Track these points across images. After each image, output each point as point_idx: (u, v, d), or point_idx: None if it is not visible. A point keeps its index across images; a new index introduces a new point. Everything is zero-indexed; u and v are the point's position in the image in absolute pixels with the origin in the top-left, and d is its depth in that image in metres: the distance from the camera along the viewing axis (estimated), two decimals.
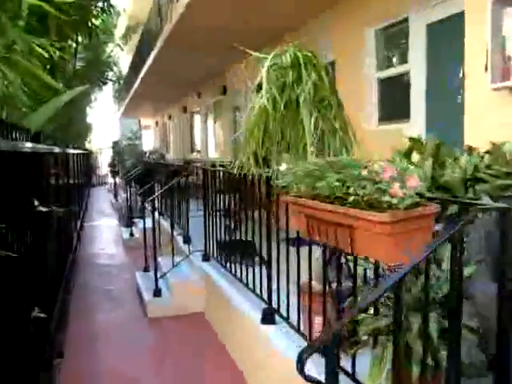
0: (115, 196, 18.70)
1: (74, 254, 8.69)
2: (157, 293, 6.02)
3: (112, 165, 26.86)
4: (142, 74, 15.11)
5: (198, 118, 16.79)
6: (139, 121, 23.25)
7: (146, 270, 7.35)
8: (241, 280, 4.95)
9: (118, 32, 22.57)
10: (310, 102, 2.81)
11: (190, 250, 6.55)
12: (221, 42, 9.07)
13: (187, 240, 7.05)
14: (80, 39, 9.68)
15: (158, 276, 6.15)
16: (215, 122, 14.25)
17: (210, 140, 14.89)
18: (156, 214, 7.91)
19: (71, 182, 10.05)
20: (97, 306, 6.59)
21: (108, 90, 31.11)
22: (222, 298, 5.24)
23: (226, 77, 12.34)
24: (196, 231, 6.82)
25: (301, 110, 2.80)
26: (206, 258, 6.15)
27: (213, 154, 14.82)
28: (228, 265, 5.41)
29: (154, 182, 11.23)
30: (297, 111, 2.93)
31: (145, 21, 15.31)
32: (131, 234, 10.59)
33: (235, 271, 5.14)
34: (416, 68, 5.94)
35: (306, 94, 2.80)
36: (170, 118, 22.11)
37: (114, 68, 27.26)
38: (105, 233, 12.74)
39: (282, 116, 2.86)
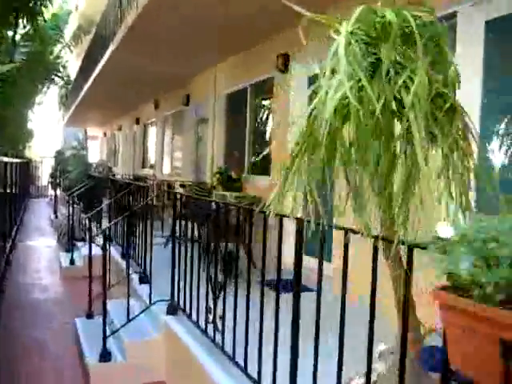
0: (55, 211, 16.83)
1: None
2: (105, 356, 4.52)
3: (53, 176, 24.86)
4: (92, 77, 13.52)
5: (153, 130, 15.28)
6: (85, 130, 21.49)
7: (89, 315, 5.84)
8: (222, 348, 3.59)
9: (69, 32, 20.88)
10: (423, 106, 1.51)
11: (151, 296, 5.06)
12: (188, 40, 7.74)
13: (145, 280, 5.60)
14: (21, 26, 8.19)
15: (108, 332, 4.65)
16: (173, 136, 12.81)
17: (166, 155, 13.41)
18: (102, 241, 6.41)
19: (3, 198, 8.41)
20: (19, 364, 5.01)
21: (53, 95, 29.11)
22: (191, 367, 3.86)
23: (190, 84, 10.98)
24: (157, 267, 5.39)
25: (409, 122, 1.50)
26: (172, 309, 4.72)
27: (167, 171, 13.34)
28: (204, 324, 4.01)
29: (102, 201, 9.69)
30: (391, 119, 1.62)
31: (98, 21, 13.79)
32: (72, 262, 8.97)
33: (214, 334, 3.78)
34: None
35: (417, 91, 1.50)
36: (119, 128, 20.45)
37: (62, 71, 25.49)
38: (41, 256, 10.99)
39: (375, 125, 1.53)
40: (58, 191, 18.03)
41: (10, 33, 8.13)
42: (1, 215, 8.59)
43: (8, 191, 10.17)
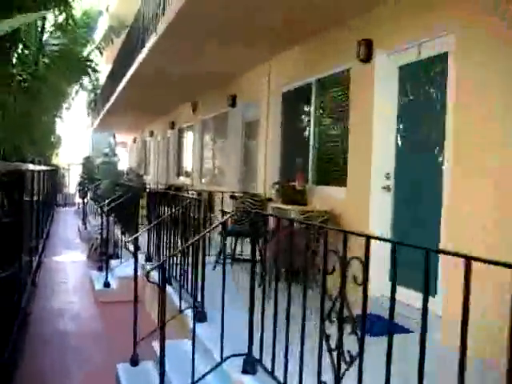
0: (83, 221, 15.80)
1: (23, 315, 5.94)
2: None
3: (81, 184, 23.99)
4: (125, 79, 12.50)
5: (190, 136, 14.16)
6: (114, 135, 20.52)
7: (134, 361, 4.66)
8: None
9: (99, 34, 19.99)
10: None
11: (222, 350, 3.72)
12: (239, 28, 6.60)
13: (201, 317, 4.41)
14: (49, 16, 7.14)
15: None
16: (214, 141, 11.66)
17: (206, 163, 12.26)
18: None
19: (30, 209, 7.32)
20: None
21: (81, 100, 28.36)
22: None
23: (237, 84, 9.82)
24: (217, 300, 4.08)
25: None
26: (249, 366, 3.48)
27: (206, 180, 12.19)
28: None
29: (137, 213, 8.54)
30: None
31: (130, 22, 12.77)
32: (106, 284, 7.83)
33: None
34: None
35: None
36: (151, 134, 19.43)
37: (92, 74, 24.67)
38: (70, 275, 9.89)
39: None
40: (87, 200, 17.03)
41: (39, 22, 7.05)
42: (28, 227, 7.54)
43: (35, 200, 9.13)
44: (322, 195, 6.62)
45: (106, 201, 13.26)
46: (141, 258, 7.71)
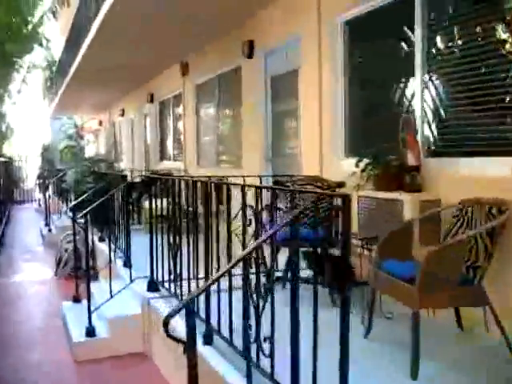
0: (46, 222, 12.72)
1: None
2: None
3: (41, 176, 20.70)
4: (89, 38, 9.49)
5: (178, 108, 11.20)
6: (75, 122, 17.38)
7: None
8: None
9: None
10: None
11: None
12: None
13: None
14: None
15: None
16: (218, 111, 8.77)
17: (207, 141, 9.36)
18: None
19: None
20: None
21: (36, 83, 24.84)
22: None
23: (255, 23, 6.98)
24: None
25: None
26: None
27: (209, 163, 9.32)
28: None
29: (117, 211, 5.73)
30: None
31: None
32: (90, 333, 4.90)
33: None
34: None
35: None
36: (122, 113, 16.32)
37: (45, 51, 21.25)
38: (29, 312, 6.85)
39: None
40: (48, 194, 13.91)
41: None
42: None
43: None
44: (454, 173, 3.89)
45: (74, 198, 10.31)
46: (139, 284, 5.02)
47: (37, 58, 21.16)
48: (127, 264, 6.16)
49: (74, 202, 6.17)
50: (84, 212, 4.92)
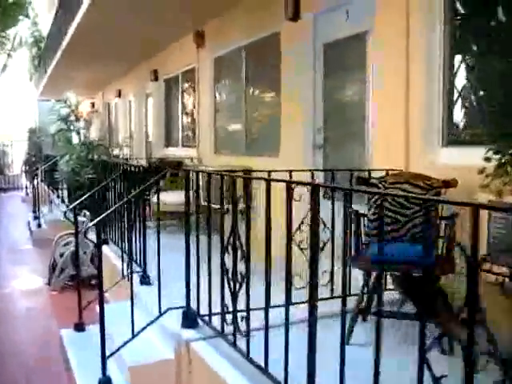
0: (35, 213, 11.25)
1: None
2: None
3: (28, 162, 19.15)
4: (81, 12, 8.08)
5: (189, 88, 9.74)
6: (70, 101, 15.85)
7: None
8: None
9: None
10: None
11: None
12: None
13: None
14: None
15: None
16: (246, 88, 7.33)
17: (228, 124, 7.94)
18: None
19: None
20: None
21: (22, 62, 23.10)
22: None
23: None
24: None
25: None
26: None
27: (235, 151, 7.91)
28: None
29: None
30: None
31: None
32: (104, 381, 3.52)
33: None
34: None
35: None
36: (118, 94, 14.79)
37: (32, 26, 19.55)
38: (19, 349, 5.40)
39: None
40: (37, 182, 12.41)
41: None
42: None
43: None
44: None
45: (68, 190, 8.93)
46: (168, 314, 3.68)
47: (23, 33, 19.54)
48: (145, 280, 4.82)
49: (76, 202, 4.73)
50: (97, 220, 3.48)
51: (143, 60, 11.41)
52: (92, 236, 6.29)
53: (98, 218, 3.49)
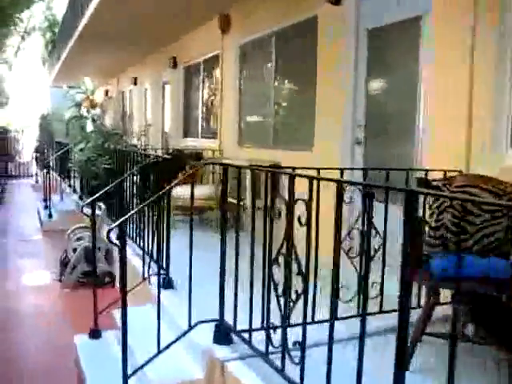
0: (45, 203, 10.85)
1: None
2: None
3: (39, 149, 18.80)
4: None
5: (210, 73, 9.27)
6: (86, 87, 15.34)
7: None
8: None
9: None
10: None
11: None
12: None
13: None
14: None
15: None
16: (278, 77, 6.86)
17: (260, 118, 7.45)
18: None
19: None
20: None
21: (35, 48, 22.71)
22: None
23: None
24: None
25: None
26: None
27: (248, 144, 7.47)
28: None
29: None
30: None
31: None
32: None
33: None
34: None
35: None
36: (134, 82, 14.34)
37: (45, 10, 19.12)
38: (26, 357, 4.98)
39: None
40: (48, 170, 11.96)
41: None
42: None
43: None
44: None
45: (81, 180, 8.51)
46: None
47: (37, 19, 19.13)
48: (169, 284, 4.39)
49: (95, 196, 4.29)
50: (121, 220, 3.03)
51: (161, 46, 10.94)
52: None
53: (123, 219, 3.03)
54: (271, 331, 2.73)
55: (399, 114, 4.69)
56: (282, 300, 2.62)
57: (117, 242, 3.05)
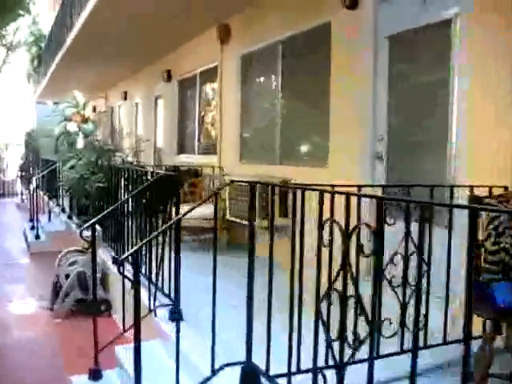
0: (32, 223, 10.32)
1: None
2: None
3: (24, 167, 18.23)
4: (91, 5, 7.27)
5: (207, 88, 8.87)
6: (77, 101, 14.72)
7: None
8: None
9: None
10: None
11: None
12: None
13: None
14: None
15: None
16: (280, 90, 6.49)
17: (264, 132, 7.04)
18: None
19: None
20: None
21: (20, 64, 22.19)
22: None
23: None
24: None
25: None
26: None
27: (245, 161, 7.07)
28: None
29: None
30: None
31: None
32: None
33: None
34: None
35: None
36: (124, 97, 13.89)
37: (32, 25, 18.68)
38: None
39: None
40: (32, 188, 11.44)
41: None
42: None
43: None
44: None
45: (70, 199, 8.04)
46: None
47: (22, 33, 18.68)
48: (177, 315, 3.92)
49: (95, 219, 3.83)
50: (134, 249, 2.59)
51: (154, 59, 10.54)
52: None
53: (136, 247, 2.58)
54: (320, 377, 2.30)
55: (427, 125, 4.31)
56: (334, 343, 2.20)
57: (128, 274, 2.61)
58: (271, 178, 5.14)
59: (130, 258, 2.78)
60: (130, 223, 5.18)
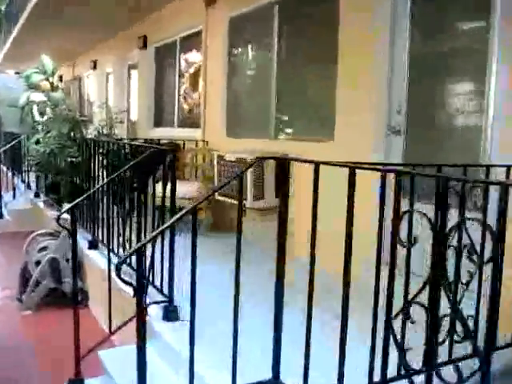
0: None
1: None
2: None
3: None
4: None
5: (190, 56, 8.17)
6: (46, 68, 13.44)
7: None
8: None
9: None
10: None
11: None
12: None
13: None
14: None
15: None
16: (277, 56, 5.86)
17: (258, 103, 6.41)
18: None
19: None
20: None
21: None
22: None
23: None
24: None
25: None
26: None
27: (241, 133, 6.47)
28: None
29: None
30: None
31: None
32: None
33: None
34: None
35: None
36: (94, 66, 12.99)
37: None
38: None
39: None
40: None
41: None
42: None
43: None
44: None
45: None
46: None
47: None
48: (171, 314, 3.39)
49: (73, 203, 3.21)
50: (138, 245, 2.00)
51: (128, 24, 9.74)
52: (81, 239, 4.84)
53: (139, 245, 1.99)
54: None
55: (456, 95, 3.79)
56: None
57: (126, 278, 2.03)
58: (265, 153, 4.58)
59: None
60: (110, 203, 4.57)
